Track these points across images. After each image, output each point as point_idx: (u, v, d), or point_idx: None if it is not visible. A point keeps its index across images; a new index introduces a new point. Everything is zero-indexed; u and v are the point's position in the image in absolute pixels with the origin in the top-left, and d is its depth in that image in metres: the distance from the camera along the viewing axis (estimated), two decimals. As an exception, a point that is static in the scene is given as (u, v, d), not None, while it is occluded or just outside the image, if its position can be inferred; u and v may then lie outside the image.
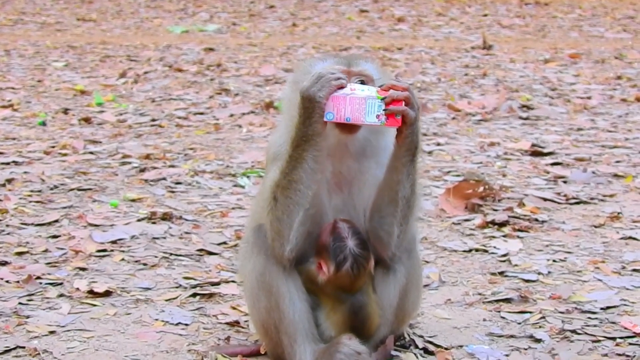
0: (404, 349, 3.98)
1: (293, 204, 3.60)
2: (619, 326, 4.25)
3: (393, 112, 3.50)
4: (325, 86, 3.50)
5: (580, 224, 5.88)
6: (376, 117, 3.50)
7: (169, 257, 5.26)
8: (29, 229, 5.71)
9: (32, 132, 8.64)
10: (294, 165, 3.57)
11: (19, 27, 17.78)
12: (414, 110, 3.55)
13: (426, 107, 9.64)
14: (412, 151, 3.62)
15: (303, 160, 3.56)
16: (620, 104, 10.06)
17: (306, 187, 3.59)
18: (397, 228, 3.70)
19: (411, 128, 3.57)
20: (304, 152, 3.55)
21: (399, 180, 3.65)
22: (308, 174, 3.58)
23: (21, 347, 4.03)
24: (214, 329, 4.27)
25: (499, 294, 4.66)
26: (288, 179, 3.58)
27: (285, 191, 3.59)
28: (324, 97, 3.49)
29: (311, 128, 3.53)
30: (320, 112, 3.51)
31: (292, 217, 3.61)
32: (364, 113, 3.50)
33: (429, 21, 18.54)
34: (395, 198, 3.67)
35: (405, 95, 3.52)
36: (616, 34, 16.71)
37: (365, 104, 3.49)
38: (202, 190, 6.66)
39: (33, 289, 4.72)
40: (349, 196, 3.75)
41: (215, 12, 20.13)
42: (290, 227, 3.62)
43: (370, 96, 3.50)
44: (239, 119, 9.18)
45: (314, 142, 3.55)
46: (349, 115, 3.50)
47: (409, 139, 3.60)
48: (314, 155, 3.56)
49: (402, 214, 3.69)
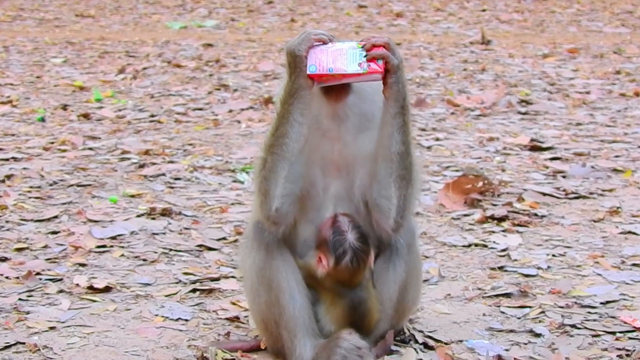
0: (403, 344, 3.98)
1: (279, 159, 3.61)
2: (618, 320, 4.25)
3: (374, 57, 3.54)
4: (305, 40, 3.58)
5: (579, 219, 5.88)
6: (358, 65, 3.53)
7: (169, 252, 5.26)
8: (29, 225, 5.71)
9: (31, 128, 8.64)
10: (281, 121, 3.60)
11: (18, 23, 17.77)
12: (396, 58, 3.57)
13: (425, 102, 9.65)
14: (400, 102, 3.62)
15: (289, 114, 3.59)
16: (619, 99, 10.06)
17: (292, 140, 3.60)
18: (395, 190, 3.67)
19: (395, 76, 3.58)
20: (290, 107, 3.59)
21: (390, 133, 3.64)
22: (294, 127, 3.60)
23: (21, 342, 4.02)
24: (214, 324, 4.27)
25: (499, 289, 4.66)
26: (275, 136, 3.61)
27: (272, 148, 3.61)
28: (305, 49, 3.56)
29: (296, 82, 3.57)
30: (302, 65, 3.56)
31: (277, 172, 3.61)
32: (346, 62, 3.53)
33: (428, 16, 18.53)
34: (388, 155, 3.65)
35: (385, 41, 3.57)
36: (615, 28, 16.71)
37: (346, 53, 3.54)
38: (201, 185, 6.66)
39: (33, 284, 4.72)
40: (347, 177, 3.74)
41: (214, 7, 20.13)
42: (275, 182, 3.61)
43: (351, 46, 3.56)
44: (238, 115, 9.19)
45: (299, 95, 3.58)
46: (332, 66, 3.54)
47: (394, 88, 3.60)
48: (300, 109, 3.59)
49: (397, 173, 3.66)
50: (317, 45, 3.58)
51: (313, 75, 3.56)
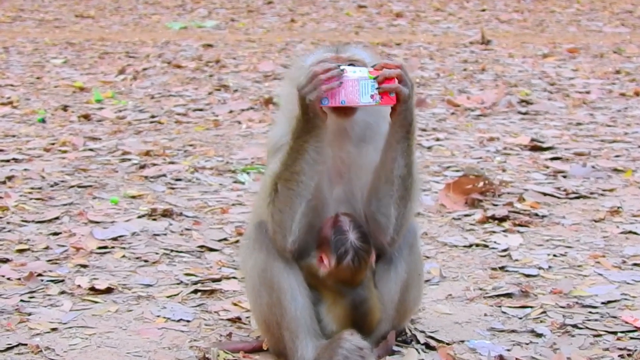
0: (405, 344, 3.98)
1: (295, 195, 3.61)
2: (619, 320, 4.25)
3: (386, 90, 3.53)
4: (316, 86, 3.49)
5: (580, 219, 5.88)
6: (370, 97, 3.53)
7: (170, 253, 5.26)
8: (30, 226, 5.71)
9: (31, 129, 8.64)
10: (296, 156, 3.58)
11: (18, 24, 17.77)
12: (407, 87, 3.57)
13: (425, 103, 9.65)
14: (406, 127, 3.63)
15: (304, 151, 3.57)
16: (619, 99, 10.07)
17: (308, 178, 3.60)
18: (394, 210, 3.69)
19: (405, 105, 3.59)
20: (305, 144, 3.56)
21: (393, 157, 3.65)
22: (310, 164, 3.59)
23: (23, 344, 4.03)
24: (216, 325, 4.28)
25: (500, 289, 4.66)
26: (290, 171, 3.59)
27: (287, 183, 3.60)
28: (316, 97, 3.48)
29: (310, 122, 3.54)
30: (315, 110, 3.52)
31: (294, 209, 3.62)
32: (358, 94, 3.52)
33: (427, 16, 18.53)
34: (390, 177, 3.67)
35: (398, 73, 3.55)
36: (614, 28, 16.71)
37: (358, 85, 3.52)
38: (202, 186, 6.66)
39: (34, 286, 4.73)
40: (349, 183, 3.75)
41: (214, 8, 20.13)
42: (292, 218, 3.63)
43: (363, 77, 3.53)
44: (238, 115, 9.19)
45: (314, 133, 3.56)
46: (344, 99, 3.52)
47: (402, 115, 3.61)
48: (315, 147, 3.58)
49: (398, 194, 3.68)
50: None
51: (325, 107, 3.54)
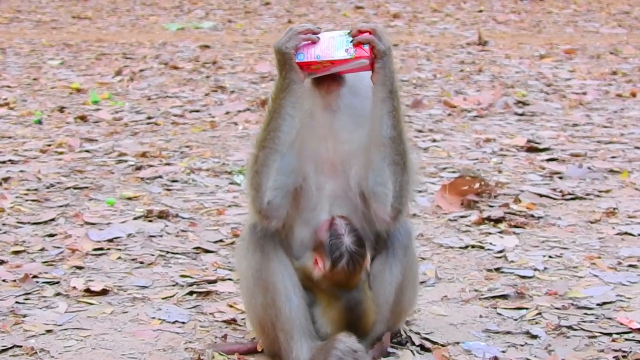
0: (400, 346, 3.98)
1: (271, 152, 3.63)
2: (615, 322, 4.26)
3: (360, 42, 3.58)
4: (292, 37, 3.59)
5: (576, 220, 5.89)
6: (345, 51, 3.58)
7: (166, 255, 5.26)
8: (25, 228, 5.71)
9: (28, 130, 8.64)
10: (273, 116, 3.64)
11: (15, 25, 17.76)
12: (383, 44, 3.59)
13: (422, 104, 9.66)
14: (388, 87, 3.63)
15: (281, 107, 3.62)
16: (615, 100, 10.07)
17: (284, 133, 3.63)
18: (390, 175, 3.67)
19: (382, 61, 3.61)
20: (281, 101, 3.62)
21: (379, 118, 3.65)
22: (286, 120, 3.63)
23: (18, 346, 4.03)
24: (211, 327, 4.28)
25: (495, 290, 4.67)
26: (267, 130, 3.64)
27: (264, 142, 3.64)
28: (292, 47, 3.58)
29: (287, 77, 3.60)
30: (291, 62, 3.59)
31: (269, 165, 3.63)
32: (333, 49, 3.59)
33: (424, 17, 18.54)
34: (380, 140, 3.66)
35: (371, 27, 3.60)
36: (611, 29, 16.72)
37: (333, 41, 3.60)
38: (198, 188, 6.66)
39: (30, 287, 4.72)
40: (343, 174, 3.74)
41: (211, 9, 20.13)
42: (267, 175, 3.63)
43: (338, 34, 3.63)
44: (235, 117, 9.19)
45: (290, 89, 3.61)
46: (319, 53, 3.59)
47: (381, 73, 3.62)
48: (291, 102, 3.62)
49: (391, 158, 3.66)
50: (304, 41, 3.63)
51: (301, 64, 3.60)
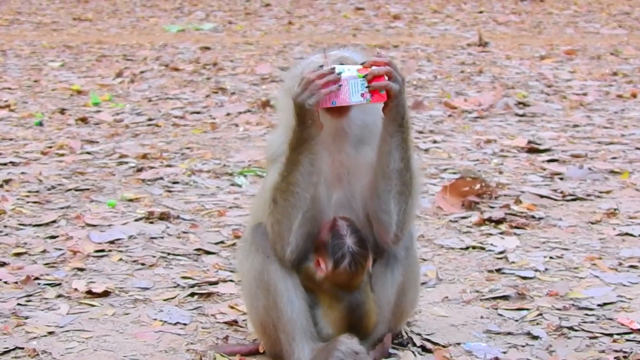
0: (401, 347, 3.99)
1: (291, 207, 3.62)
2: (616, 322, 4.26)
3: (376, 89, 3.53)
4: (314, 93, 3.50)
5: (576, 221, 5.89)
6: (361, 95, 3.52)
7: (167, 256, 5.27)
8: (27, 230, 5.72)
9: (29, 132, 8.64)
10: (292, 168, 3.60)
11: (15, 27, 17.77)
12: (398, 83, 3.56)
13: (422, 105, 9.66)
14: (399, 121, 3.62)
15: (300, 163, 3.59)
16: (616, 100, 10.08)
17: (303, 189, 3.61)
18: (394, 205, 3.69)
19: (396, 100, 3.59)
20: (300, 156, 3.58)
21: (388, 151, 3.65)
22: (305, 176, 3.60)
23: (20, 347, 4.03)
24: (213, 328, 4.28)
25: (496, 291, 4.67)
26: (286, 182, 3.61)
27: (284, 194, 3.62)
28: (314, 104, 3.50)
29: (306, 132, 3.56)
30: (313, 117, 3.53)
31: (291, 220, 3.64)
32: (349, 94, 3.51)
33: (425, 18, 18.55)
34: (387, 172, 3.67)
35: (387, 70, 3.54)
36: (612, 30, 16.73)
37: (348, 84, 3.51)
38: (199, 189, 6.66)
39: (31, 289, 4.73)
40: (349, 187, 3.76)
41: (211, 10, 20.13)
42: (289, 229, 3.65)
43: (352, 76, 3.52)
44: (236, 118, 9.19)
45: (309, 145, 3.57)
46: (334, 99, 3.52)
47: (394, 110, 3.61)
48: (310, 159, 3.59)
49: (397, 189, 3.67)
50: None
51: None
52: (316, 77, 3.51)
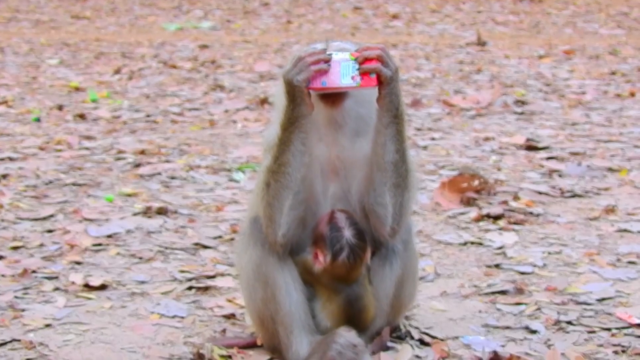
0: (400, 340, 3.98)
1: (282, 188, 3.61)
2: (614, 317, 4.26)
3: (367, 71, 3.51)
4: (304, 70, 3.51)
5: (575, 217, 5.88)
6: (351, 78, 3.51)
7: (165, 250, 5.26)
8: (24, 224, 5.71)
9: (26, 128, 8.63)
10: (283, 148, 3.59)
11: (13, 25, 17.76)
12: (390, 70, 3.55)
13: (421, 103, 9.66)
14: (393, 112, 3.61)
15: (290, 142, 3.58)
16: (614, 99, 10.08)
17: (294, 169, 3.60)
18: (390, 198, 3.68)
19: (388, 88, 3.57)
20: (291, 135, 3.57)
21: (383, 143, 3.64)
22: (296, 156, 3.59)
23: (17, 340, 4.02)
24: (210, 321, 4.27)
25: (495, 286, 4.66)
26: (277, 163, 3.61)
27: (275, 175, 3.61)
28: (303, 80, 3.50)
29: (296, 110, 3.55)
30: (302, 94, 3.53)
31: (282, 201, 3.62)
32: (339, 76, 3.51)
33: (424, 18, 18.55)
34: (382, 164, 3.66)
35: (378, 54, 3.53)
36: (610, 30, 16.74)
37: (339, 67, 3.51)
38: (197, 184, 6.66)
39: (28, 282, 4.72)
40: (345, 179, 3.75)
41: (210, 9, 20.13)
42: (280, 211, 3.63)
43: (344, 59, 3.52)
44: (234, 115, 9.19)
45: (299, 124, 3.57)
46: (325, 80, 3.52)
47: (387, 99, 3.59)
48: (300, 138, 3.58)
49: (392, 181, 3.66)
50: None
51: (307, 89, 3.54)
52: (307, 55, 3.52)
